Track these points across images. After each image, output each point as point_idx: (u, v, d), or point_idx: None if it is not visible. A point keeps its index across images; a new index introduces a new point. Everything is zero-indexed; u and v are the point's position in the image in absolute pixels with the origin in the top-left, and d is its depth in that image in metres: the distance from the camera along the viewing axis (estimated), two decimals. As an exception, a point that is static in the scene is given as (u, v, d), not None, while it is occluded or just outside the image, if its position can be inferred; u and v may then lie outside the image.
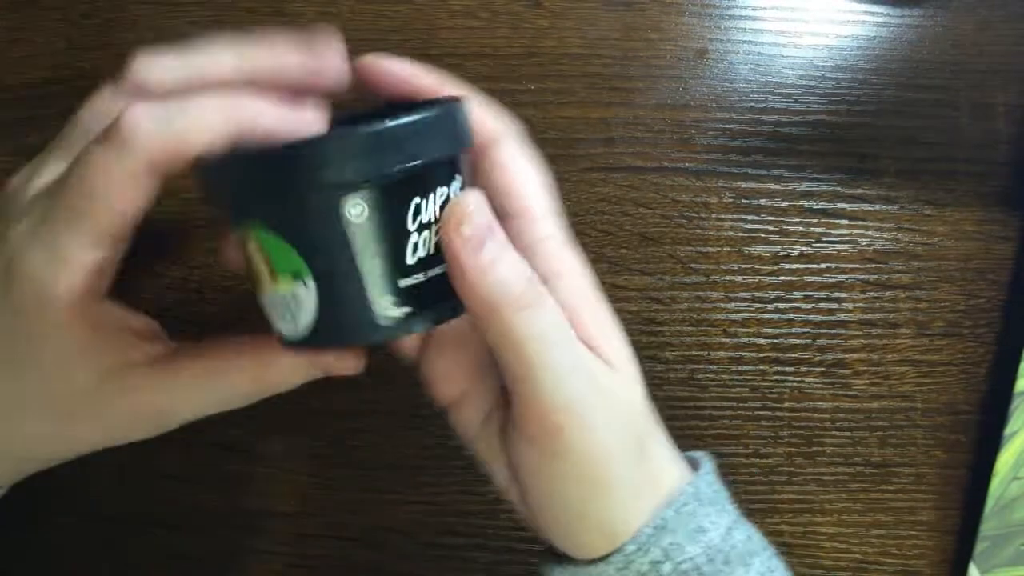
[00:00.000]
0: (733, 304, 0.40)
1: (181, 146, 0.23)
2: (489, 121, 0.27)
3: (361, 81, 0.27)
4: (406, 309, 0.24)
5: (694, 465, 0.29)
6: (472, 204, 0.24)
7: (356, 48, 0.40)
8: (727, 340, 0.40)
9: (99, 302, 0.25)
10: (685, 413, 0.40)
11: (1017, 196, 0.39)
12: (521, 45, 0.39)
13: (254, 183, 0.23)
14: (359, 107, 0.27)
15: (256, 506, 0.41)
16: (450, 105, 0.25)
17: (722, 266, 0.40)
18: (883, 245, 0.40)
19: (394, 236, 0.24)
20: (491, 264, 0.24)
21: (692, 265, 0.40)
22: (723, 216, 0.40)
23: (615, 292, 0.40)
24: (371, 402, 0.41)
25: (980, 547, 0.40)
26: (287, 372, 0.26)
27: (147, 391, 0.25)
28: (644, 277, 0.40)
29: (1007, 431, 0.39)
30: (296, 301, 0.24)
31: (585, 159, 0.39)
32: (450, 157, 0.25)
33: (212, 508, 0.41)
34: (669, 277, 0.40)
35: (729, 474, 0.41)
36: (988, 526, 0.40)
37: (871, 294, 0.40)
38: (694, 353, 0.40)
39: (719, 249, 0.40)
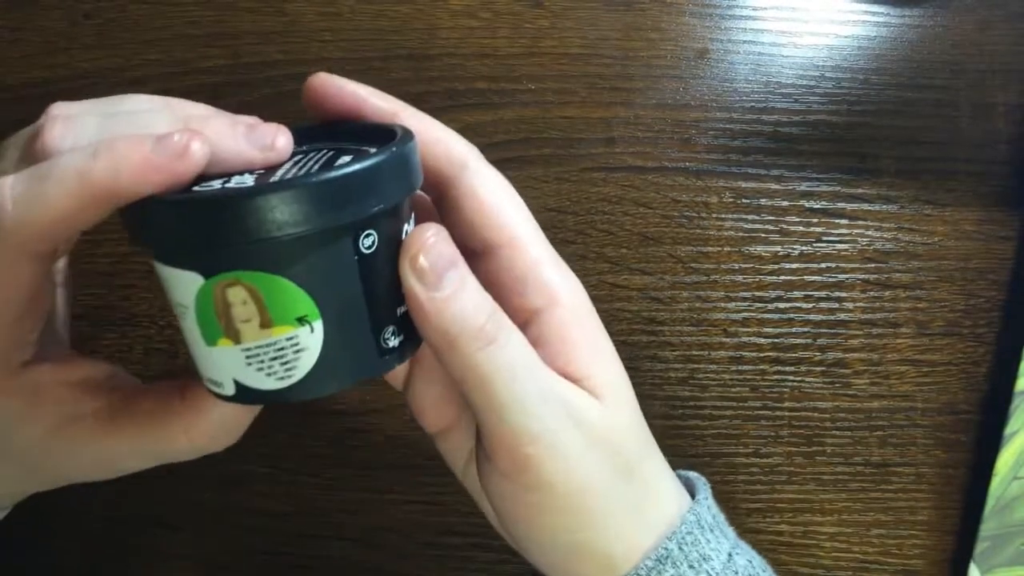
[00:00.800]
0: (733, 304, 0.40)
1: (56, 223, 0.21)
2: (456, 145, 0.26)
3: (309, 99, 0.25)
4: (401, 337, 0.24)
5: (689, 486, 0.29)
6: (431, 235, 0.23)
7: (357, 48, 0.40)
8: (727, 340, 0.40)
9: (24, 371, 0.24)
10: (685, 412, 0.40)
11: (1017, 196, 0.39)
12: (521, 45, 0.39)
13: (252, 227, 0.20)
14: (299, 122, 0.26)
15: (256, 506, 0.41)
16: (396, 124, 0.24)
17: (722, 266, 0.40)
18: (883, 245, 0.40)
19: (394, 264, 0.23)
20: (449, 299, 0.23)
21: (692, 265, 0.40)
22: (723, 216, 0.40)
23: (616, 292, 0.40)
24: (371, 402, 0.41)
25: (980, 547, 0.40)
26: (221, 436, 0.26)
27: (89, 447, 0.25)
28: (645, 277, 0.40)
29: (1007, 431, 0.39)
30: (295, 347, 0.22)
31: (585, 159, 0.39)
32: (421, 179, 0.24)
33: (212, 508, 0.41)
34: (669, 277, 0.40)
35: (729, 474, 0.41)
36: (988, 526, 0.40)
37: (871, 294, 0.40)
38: (694, 353, 0.40)
39: (719, 249, 0.40)
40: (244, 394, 0.23)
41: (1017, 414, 0.39)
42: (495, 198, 0.26)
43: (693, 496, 0.28)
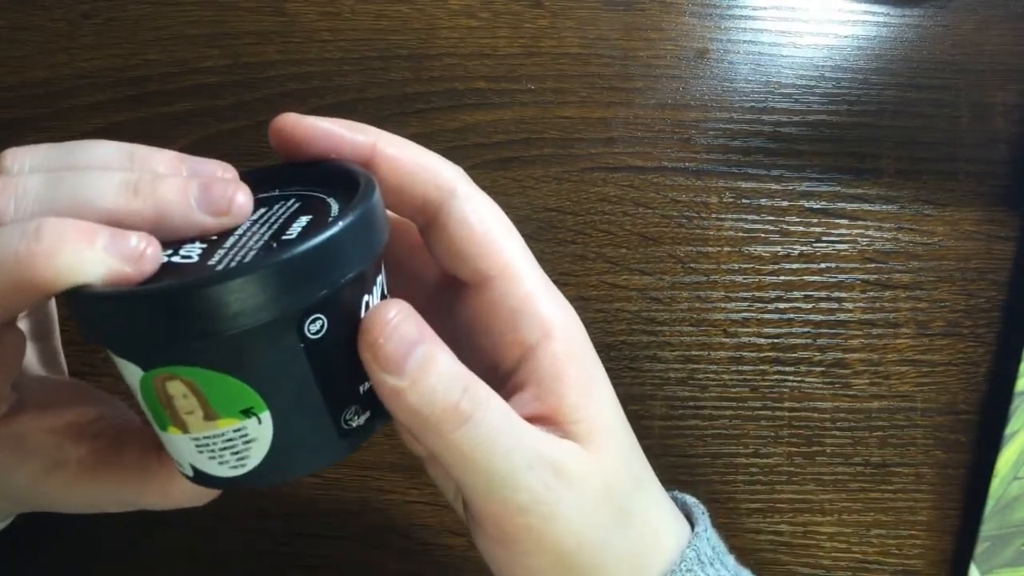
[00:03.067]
0: (733, 304, 0.40)
1: None
2: (443, 170, 0.24)
3: (279, 144, 0.24)
4: (367, 414, 0.23)
5: (686, 512, 0.28)
6: (392, 316, 0.21)
7: (357, 48, 0.40)
8: (727, 340, 0.40)
9: (4, 424, 0.24)
10: (685, 413, 0.40)
11: (1017, 196, 0.39)
12: (521, 45, 0.39)
13: (187, 321, 0.19)
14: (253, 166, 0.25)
15: (256, 506, 0.41)
16: (363, 175, 0.22)
17: (722, 266, 0.40)
18: (883, 245, 0.40)
19: (353, 340, 0.21)
20: (416, 383, 0.21)
21: (692, 265, 0.40)
22: (723, 216, 0.40)
23: (615, 292, 0.40)
24: (371, 402, 0.41)
25: (981, 547, 0.40)
26: (197, 496, 0.26)
27: (73, 491, 0.25)
28: (644, 277, 0.40)
29: (1007, 431, 0.39)
30: (244, 439, 0.21)
31: (585, 159, 0.39)
32: (384, 240, 0.22)
33: (212, 508, 0.41)
34: (669, 277, 0.40)
35: (729, 474, 0.41)
36: (988, 526, 0.40)
37: (871, 294, 0.40)
38: (694, 353, 0.40)
39: (719, 249, 0.40)
40: (202, 478, 0.23)
41: (1017, 414, 0.39)
42: (486, 226, 0.25)
43: (691, 523, 0.28)
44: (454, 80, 0.39)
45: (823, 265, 0.40)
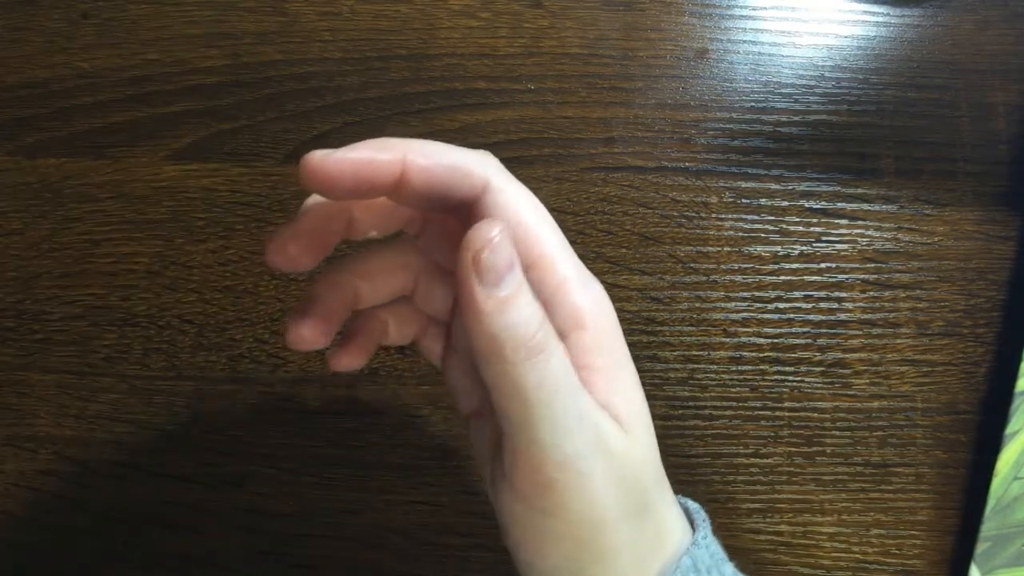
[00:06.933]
0: (733, 304, 0.40)
1: None
2: (474, 167, 0.24)
3: (312, 183, 0.23)
4: None
5: (688, 517, 0.28)
6: (496, 233, 0.22)
7: (357, 48, 0.40)
8: (727, 340, 0.40)
9: None
10: (685, 413, 0.40)
11: (1017, 196, 0.39)
12: (521, 45, 0.39)
13: None
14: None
15: (256, 506, 0.41)
16: None
17: (722, 266, 0.40)
18: (883, 245, 0.40)
19: None
20: (505, 303, 0.22)
21: (692, 265, 0.40)
22: (723, 216, 0.40)
23: (615, 292, 0.40)
24: (371, 402, 0.41)
25: (981, 547, 0.40)
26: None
27: None
28: (644, 277, 0.40)
29: (1007, 431, 0.39)
30: None
31: (585, 159, 0.39)
32: None
33: (212, 508, 0.41)
34: (669, 277, 0.40)
35: (729, 474, 0.41)
36: (989, 526, 0.40)
37: (871, 294, 0.40)
38: (694, 353, 0.40)
39: (719, 249, 0.40)
40: None
41: (1017, 414, 0.39)
42: (521, 217, 0.25)
43: (693, 529, 0.28)
44: (454, 80, 0.39)
45: (823, 265, 0.40)
